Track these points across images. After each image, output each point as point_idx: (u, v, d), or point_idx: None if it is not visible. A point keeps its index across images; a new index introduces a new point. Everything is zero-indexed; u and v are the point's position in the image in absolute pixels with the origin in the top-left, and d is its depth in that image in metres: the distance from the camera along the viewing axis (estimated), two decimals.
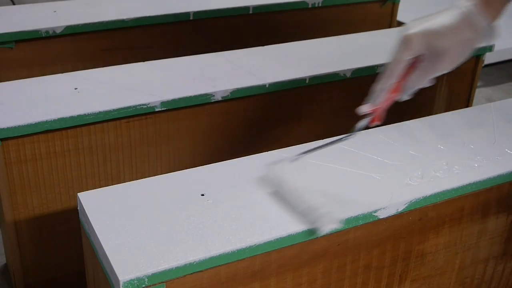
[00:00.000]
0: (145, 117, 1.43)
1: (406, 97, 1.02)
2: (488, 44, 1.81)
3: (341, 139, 1.07)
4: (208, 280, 0.94)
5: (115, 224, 0.97)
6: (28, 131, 1.31)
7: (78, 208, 1.05)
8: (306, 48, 1.78)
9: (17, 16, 1.85)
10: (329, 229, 0.98)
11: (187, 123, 1.49)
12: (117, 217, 0.99)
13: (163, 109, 1.43)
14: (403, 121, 1.31)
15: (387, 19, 2.36)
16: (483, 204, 1.19)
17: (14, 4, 2.91)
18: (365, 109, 1.01)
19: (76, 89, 1.46)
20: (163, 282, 0.90)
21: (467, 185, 1.12)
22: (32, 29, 1.76)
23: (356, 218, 1.02)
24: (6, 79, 1.53)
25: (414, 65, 0.99)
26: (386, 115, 1.03)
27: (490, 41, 0.98)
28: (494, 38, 0.97)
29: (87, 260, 1.10)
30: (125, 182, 1.11)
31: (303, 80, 1.58)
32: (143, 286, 0.88)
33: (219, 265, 0.94)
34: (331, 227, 0.98)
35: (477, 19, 0.95)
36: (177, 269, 0.90)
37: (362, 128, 1.03)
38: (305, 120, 1.66)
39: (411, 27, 0.97)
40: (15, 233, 1.42)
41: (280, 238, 0.97)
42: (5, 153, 1.32)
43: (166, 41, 1.98)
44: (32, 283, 1.50)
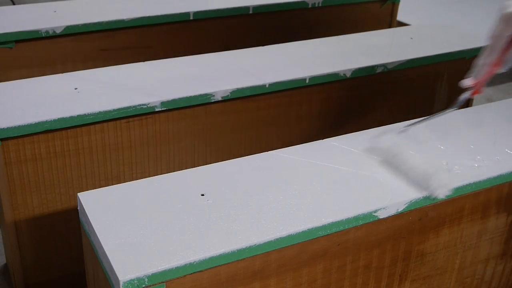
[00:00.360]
0: (145, 117, 1.43)
1: (505, 70, 1.10)
2: None
3: (445, 112, 1.16)
4: (208, 280, 0.94)
5: (115, 224, 0.97)
6: (28, 131, 1.31)
7: (78, 208, 1.05)
8: (306, 48, 1.78)
9: (17, 16, 1.85)
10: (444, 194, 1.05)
11: (187, 123, 1.49)
12: (117, 217, 0.99)
13: (163, 109, 1.43)
14: (403, 121, 1.31)
15: (387, 19, 2.36)
16: (483, 204, 1.19)
17: (14, 4, 2.91)
18: (468, 82, 1.10)
19: (76, 89, 1.46)
20: (163, 282, 0.90)
21: (467, 185, 1.12)
22: (32, 29, 1.76)
23: (356, 218, 1.02)
24: (6, 79, 1.53)
25: None
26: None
27: None
28: None
29: (87, 260, 1.10)
30: (125, 182, 1.11)
31: (303, 80, 1.58)
32: (143, 286, 0.88)
33: (219, 265, 0.94)
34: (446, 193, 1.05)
35: None
36: (177, 269, 0.90)
37: (465, 100, 1.12)
38: (305, 120, 1.66)
39: (511, 5, 1.02)
40: (15, 233, 1.42)
41: (280, 238, 0.97)
42: (5, 153, 1.32)
43: (166, 41, 1.98)
44: (32, 283, 1.50)
